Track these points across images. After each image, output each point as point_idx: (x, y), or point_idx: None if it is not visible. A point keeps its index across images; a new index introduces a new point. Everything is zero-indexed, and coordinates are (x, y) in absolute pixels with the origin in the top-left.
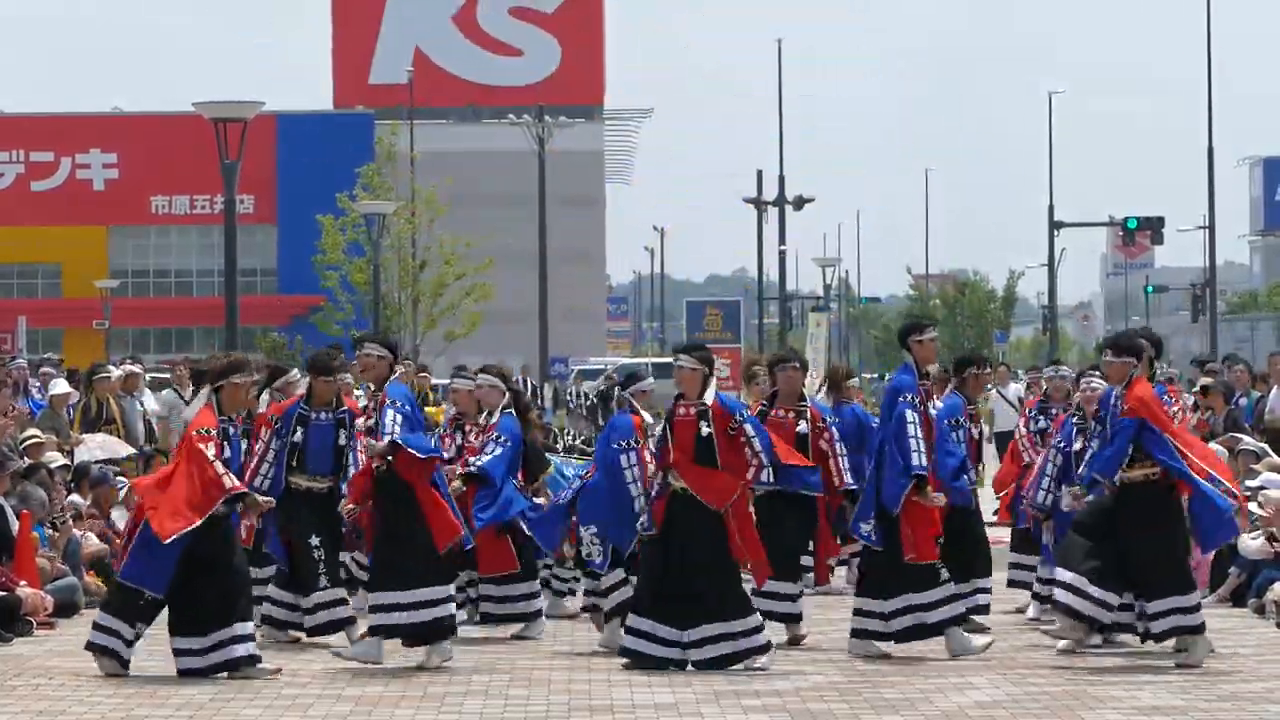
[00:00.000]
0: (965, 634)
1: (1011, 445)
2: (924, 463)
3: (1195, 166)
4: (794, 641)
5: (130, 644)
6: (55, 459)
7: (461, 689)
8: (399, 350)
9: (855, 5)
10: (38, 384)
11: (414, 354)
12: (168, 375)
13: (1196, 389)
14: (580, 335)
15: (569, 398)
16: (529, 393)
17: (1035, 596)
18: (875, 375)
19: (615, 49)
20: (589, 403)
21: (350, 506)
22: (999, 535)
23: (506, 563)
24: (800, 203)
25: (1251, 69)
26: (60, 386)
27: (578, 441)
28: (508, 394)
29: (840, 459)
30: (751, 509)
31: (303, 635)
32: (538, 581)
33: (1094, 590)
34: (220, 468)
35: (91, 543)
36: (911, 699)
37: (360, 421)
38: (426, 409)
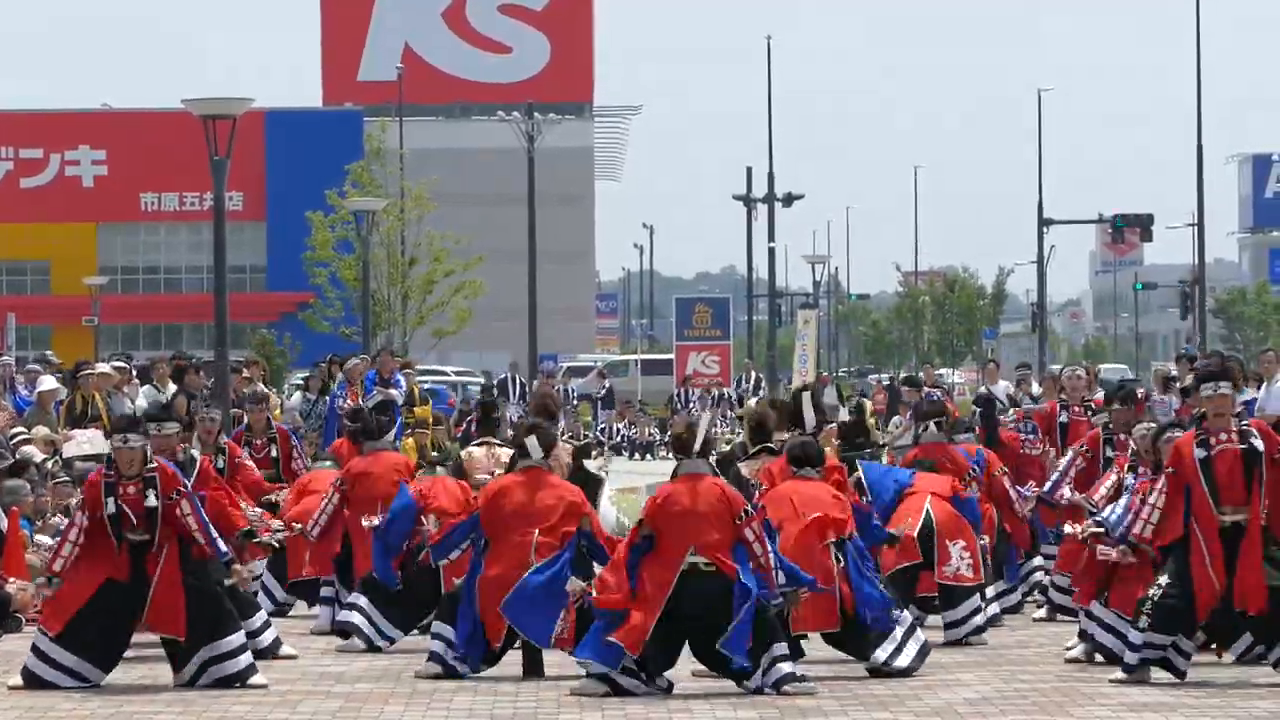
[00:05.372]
0: None
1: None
2: None
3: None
4: None
5: None
6: (34, 454)
7: (451, 685)
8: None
9: (844, 2)
10: (24, 381)
11: (403, 351)
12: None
13: (1177, 385)
14: (569, 332)
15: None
16: (517, 391)
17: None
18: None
19: (604, 46)
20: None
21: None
22: None
23: None
24: (790, 199)
25: (1241, 66)
26: (47, 383)
27: (567, 438)
28: None
29: None
30: None
31: None
32: None
33: None
34: None
35: None
36: (901, 695)
37: None
38: (415, 410)
